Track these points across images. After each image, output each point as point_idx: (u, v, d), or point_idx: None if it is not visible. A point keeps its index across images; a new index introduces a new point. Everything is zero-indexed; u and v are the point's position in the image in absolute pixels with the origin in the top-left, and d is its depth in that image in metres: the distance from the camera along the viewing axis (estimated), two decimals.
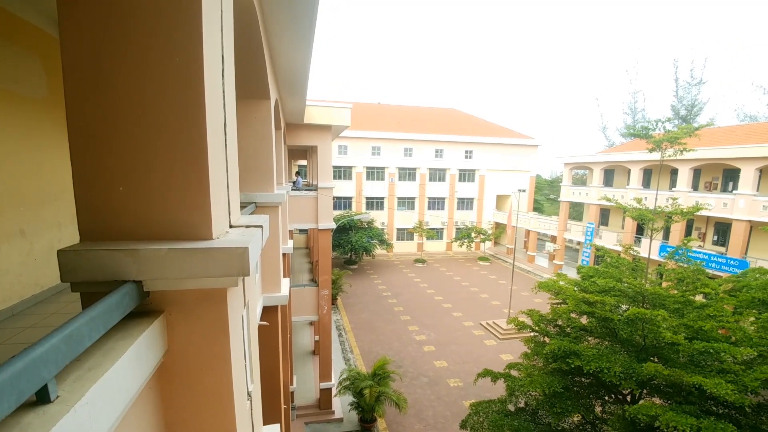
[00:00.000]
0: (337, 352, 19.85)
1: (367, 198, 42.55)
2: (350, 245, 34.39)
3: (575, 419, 9.44)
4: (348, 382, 14.06)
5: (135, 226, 1.75)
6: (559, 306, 9.81)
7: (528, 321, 9.85)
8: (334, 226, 13.69)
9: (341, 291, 27.57)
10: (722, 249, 25.10)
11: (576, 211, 43.07)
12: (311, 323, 21.36)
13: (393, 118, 46.56)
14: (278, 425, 3.22)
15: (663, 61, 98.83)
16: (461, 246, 42.99)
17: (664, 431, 7.26)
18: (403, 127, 44.03)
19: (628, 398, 8.63)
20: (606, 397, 9.04)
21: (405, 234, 44.02)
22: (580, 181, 40.45)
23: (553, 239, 38.30)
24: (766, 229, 15.77)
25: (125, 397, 1.40)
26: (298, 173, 18.78)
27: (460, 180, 45.13)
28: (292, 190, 13.55)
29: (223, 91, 2.07)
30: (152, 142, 1.70)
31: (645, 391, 8.16)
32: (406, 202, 43.95)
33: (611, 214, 34.94)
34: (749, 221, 22.55)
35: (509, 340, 21.70)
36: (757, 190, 22.84)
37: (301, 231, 31.36)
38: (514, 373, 9.82)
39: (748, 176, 22.77)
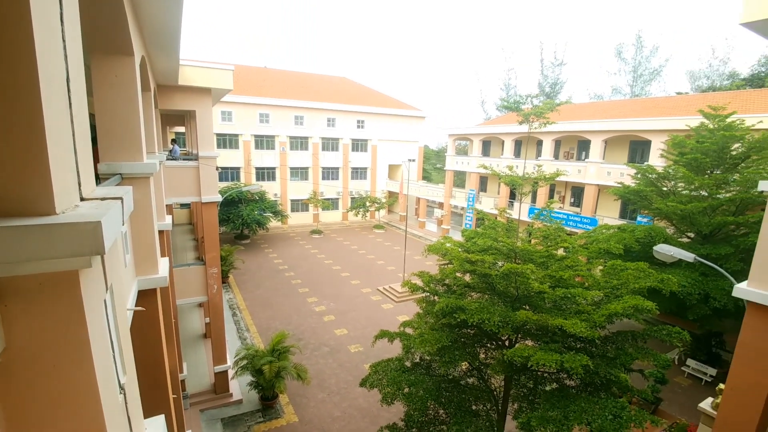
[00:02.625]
0: (231, 332, 19.05)
1: (257, 168, 40.47)
2: (241, 219, 32.59)
3: (464, 367, 10.49)
4: (245, 362, 13.64)
5: None
6: (446, 266, 10.60)
7: (419, 282, 10.50)
8: (220, 198, 12.78)
9: (233, 268, 26.25)
10: (578, 209, 29.48)
11: (459, 179, 46.49)
12: (200, 305, 20.06)
13: (281, 83, 44.40)
14: (162, 416, 2.97)
15: (533, 42, 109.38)
16: (357, 215, 43.75)
17: (535, 368, 8.47)
18: (292, 94, 42.32)
19: (507, 343, 9.78)
20: (488, 344, 10.15)
21: (300, 205, 43.20)
22: (462, 152, 43.60)
23: (441, 206, 41.06)
24: (609, 191, 18.90)
25: None
26: (174, 141, 16.97)
27: (353, 150, 45.36)
28: (168, 159, 12.23)
29: (64, 40, 1.70)
30: None
31: (519, 335, 9.34)
32: (300, 173, 42.92)
33: (489, 181, 38.53)
34: (597, 185, 26.74)
35: (405, 302, 23.06)
36: (603, 159, 27.09)
37: (183, 205, 28.82)
38: (408, 331, 10.47)
39: (596, 147, 26.84)
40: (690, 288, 13.93)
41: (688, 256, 9.43)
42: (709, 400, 9.31)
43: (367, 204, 43.18)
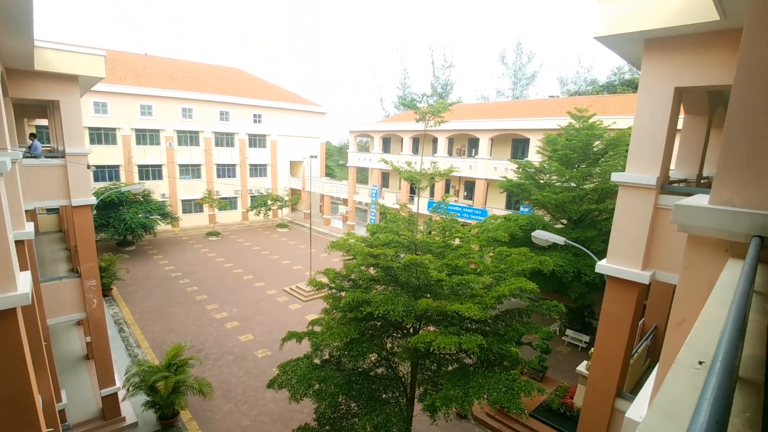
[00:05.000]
0: (119, 350, 17.05)
1: (139, 166, 36.48)
2: (123, 223, 29.12)
3: (372, 358, 10.74)
4: (137, 379, 12.32)
5: None
6: (350, 261, 10.72)
7: (325, 280, 10.46)
8: (95, 201, 11.29)
9: (116, 279, 23.46)
10: (470, 202, 31.82)
11: (362, 175, 47.14)
12: (79, 322, 17.57)
13: (166, 72, 40.54)
14: None
15: (425, 43, 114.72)
16: (258, 214, 41.86)
17: (437, 351, 9.00)
18: (179, 85, 38.95)
19: (411, 331, 10.22)
20: (394, 334, 10.52)
21: (193, 205, 40.01)
22: (364, 148, 44.23)
23: (345, 202, 41.27)
24: (496, 185, 20.71)
25: None
26: (34, 136, 14.53)
27: (250, 145, 43.26)
28: (26, 157, 10.46)
29: None
30: None
31: (422, 322, 9.85)
32: (191, 170, 39.70)
33: (390, 177, 39.76)
34: (486, 179, 29.16)
35: (313, 301, 22.75)
36: (491, 155, 29.59)
37: (50, 210, 24.94)
38: (317, 329, 10.38)
39: (484, 144, 29.23)
40: (566, 266, 15.98)
41: (559, 240, 10.81)
42: (584, 363, 10.83)
43: (269, 202, 41.56)
